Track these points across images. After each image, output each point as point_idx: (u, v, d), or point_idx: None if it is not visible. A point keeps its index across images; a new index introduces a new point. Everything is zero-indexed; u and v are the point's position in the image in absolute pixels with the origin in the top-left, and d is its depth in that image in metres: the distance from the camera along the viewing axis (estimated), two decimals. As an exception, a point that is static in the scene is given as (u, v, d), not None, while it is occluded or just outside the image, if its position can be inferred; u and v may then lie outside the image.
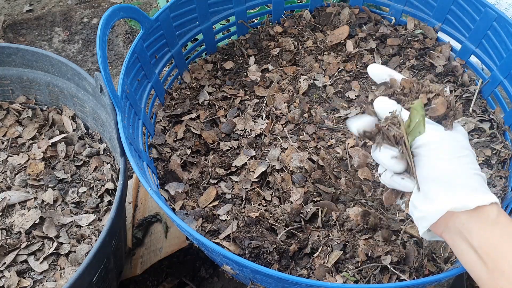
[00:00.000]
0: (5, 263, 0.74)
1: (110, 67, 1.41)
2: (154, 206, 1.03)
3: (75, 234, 0.78)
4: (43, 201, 0.81)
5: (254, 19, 1.04)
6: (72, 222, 0.79)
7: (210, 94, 0.91)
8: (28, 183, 0.84)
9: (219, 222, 0.72)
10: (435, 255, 0.68)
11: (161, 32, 0.85)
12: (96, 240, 0.77)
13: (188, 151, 0.81)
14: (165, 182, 0.77)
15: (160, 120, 0.87)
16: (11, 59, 0.88)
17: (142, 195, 1.07)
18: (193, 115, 0.87)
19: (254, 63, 0.97)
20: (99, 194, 0.83)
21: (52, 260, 0.76)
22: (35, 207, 0.80)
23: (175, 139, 0.84)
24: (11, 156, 0.87)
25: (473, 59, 0.91)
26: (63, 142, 0.89)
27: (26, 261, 0.75)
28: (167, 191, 0.76)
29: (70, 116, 0.92)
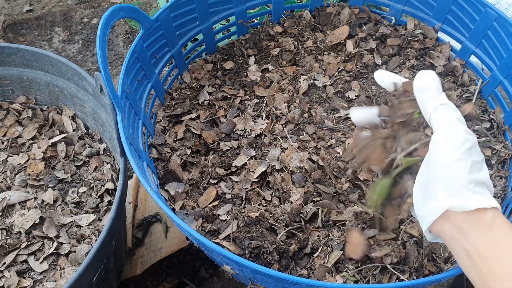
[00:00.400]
0: (5, 263, 0.74)
1: (110, 67, 1.41)
2: (154, 206, 1.03)
3: (75, 234, 0.78)
4: (43, 201, 0.81)
5: (254, 19, 1.04)
6: (72, 222, 0.79)
7: (210, 94, 0.91)
8: (28, 183, 0.84)
9: (219, 222, 0.72)
10: (435, 255, 0.68)
11: (161, 32, 0.85)
12: (96, 240, 0.77)
13: (188, 151, 0.81)
14: (165, 182, 0.77)
15: (160, 120, 0.87)
16: (11, 59, 0.88)
17: (142, 195, 1.07)
18: (193, 115, 0.87)
19: (254, 63, 0.97)
20: (99, 194, 0.83)
21: (52, 260, 0.76)
22: (35, 207, 0.80)
23: (175, 139, 0.84)
24: (11, 156, 0.87)
25: (473, 59, 0.91)
26: (63, 142, 0.89)
27: (26, 261, 0.75)
28: (167, 191, 0.76)
29: (70, 116, 0.92)
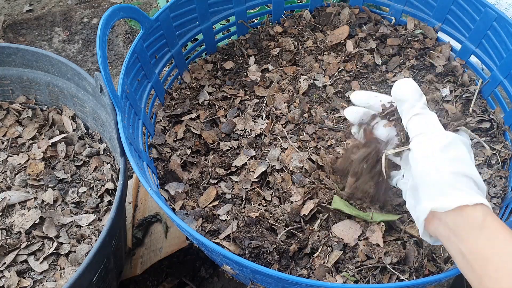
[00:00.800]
0: (5, 263, 0.74)
1: (110, 67, 1.41)
2: (154, 206, 1.03)
3: (75, 234, 0.78)
4: (43, 201, 0.81)
5: (254, 19, 1.04)
6: (72, 222, 0.79)
7: (210, 94, 0.91)
8: (28, 183, 0.84)
9: (219, 222, 0.72)
10: (435, 255, 0.68)
11: (161, 32, 0.85)
12: (96, 240, 0.77)
13: (188, 151, 0.81)
14: (165, 182, 0.77)
15: (160, 120, 0.87)
16: (11, 59, 0.88)
17: (142, 195, 1.07)
18: (193, 115, 0.87)
19: (254, 63, 0.97)
20: (99, 194, 0.83)
21: (52, 260, 0.76)
22: (35, 207, 0.80)
23: (175, 139, 0.84)
24: (11, 156, 0.87)
25: (473, 59, 0.91)
26: (63, 142, 0.89)
27: (26, 261, 0.75)
28: (167, 191, 0.76)
29: (70, 116, 0.92)
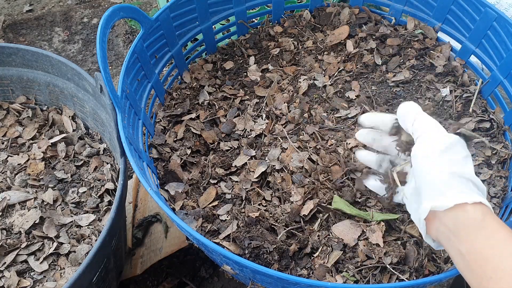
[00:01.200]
0: (5, 263, 0.74)
1: (110, 67, 1.41)
2: (154, 206, 1.03)
3: (75, 234, 0.78)
4: (43, 201, 0.81)
5: (254, 19, 1.04)
6: (72, 222, 0.79)
7: (210, 94, 0.91)
8: (28, 183, 0.84)
9: (219, 222, 0.72)
10: (435, 255, 0.68)
11: (161, 32, 0.85)
12: (96, 240, 0.77)
13: (188, 151, 0.81)
14: (165, 182, 0.77)
15: (160, 120, 0.87)
16: (11, 59, 0.88)
17: (142, 195, 1.07)
18: (193, 115, 0.87)
19: (254, 63, 0.97)
20: (99, 194, 0.83)
21: (52, 260, 0.76)
22: (35, 207, 0.80)
23: (175, 139, 0.84)
24: (11, 156, 0.87)
25: (473, 59, 0.91)
26: (63, 142, 0.89)
27: (26, 261, 0.75)
28: (167, 191, 0.76)
29: (70, 116, 0.92)
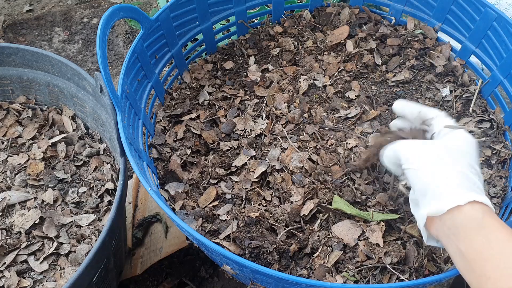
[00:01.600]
0: (5, 263, 0.74)
1: (110, 67, 1.41)
2: (154, 206, 1.04)
3: (75, 234, 0.78)
4: (43, 201, 0.81)
5: (254, 19, 1.04)
6: (72, 222, 0.79)
7: (210, 94, 0.91)
8: (28, 183, 0.84)
9: (219, 222, 0.72)
10: (435, 255, 0.68)
11: (161, 32, 0.85)
12: (96, 240, 0.77)
13: (188, 151, 0.81)
14: (165, 182, 0.77)
15: (160, 120, 0.87)
16: (11, 59, 0.88)
17: (142, 195, 1.07)
18: (193, 115, 0.87)
19: (254, 63, 0.97)
20: (99, 194, 0.83)
21: (52, 260, 0.76)
22: (35, 207, 0.80)
23: (175, 139, 0.84)
24: (11, 156, 0.87)
25: (473, 59, 0.91)
26: (63, 142, 0.89)
27: (26, 261, 0.75)
28: (167, 191, 0.76)
29: (70, 116, 0.92)
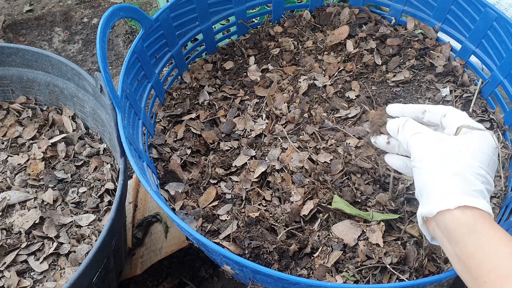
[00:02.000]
0: (5, 263, 0.74)
1: (110, 67, 1.41)
2: (154, 206, 1.03)
3: (75, 234, 0.78)
4: (43, 201, 0.81)
5: (254, 19, 1.04)
6: (72, 222, 0.79)
7: (210, 94, 0.91)
8: (28, 183, 0.84)
9: (219, 222, 0.72)
10: (435, 255, 0.68)
11: (161, 32, 0.85)
12: (96, 240, 0.77)
13: (188, 151, 0.81)
14: (165, 182, 0.77)
15: (160, 120, 0.87)
16: (11, 59, 0.88)
17: (142, 195, 1.07)
18: (193, 115, 0.87)
19: (254, 63, 0.97)
20: (99, 194, 0.83)
21: (52, 260, 0.76)
22: (35, 207, 0.80)
23: (175, 139, 0.84)
24: (11, 156, 0.87)
25: (473, 59, 0.91)
26: (63, 142, 0.89)
27: (26, 261, 0.75)
28: (167, 191, 0.76)
29: (70, 116, 0.92)
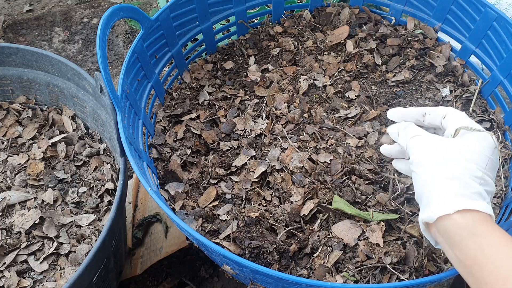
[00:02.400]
0: (5, 263, 0.74)
1: (110, 67, 1.41)
2: (154, 206, 1.04)
3: (75, 234, 0.78)
4: (43, 201, 0.82)
5: (254, 19, 1.04)
6: (72, 222, 0.79)
7: (210, 94, 0.91)
8: (28, 183, 0.84)
9: (219, 222, 0.72)
10: (435, 255, 0.68)
11: (161, 32, 0.85)
12: (96, 240, 0.77)
13: (188, 151, 0.81)
14: (165, 182, 0.77)
15: (160, 120, 0.87)
16: (11, 59, 0.88)
17: (142, 195, 1.07)
18: (193, 115, 0.87)
19: (254, 63, 0.97)
20: (99, 194, 0.83)
21: (52, 260, 0.76)
22: (35, 207, 0.80)
23: (175, 139, 0.84)
24: (11, 156, 0.87)
25: (473, 59, 0.91)
26: (63, 142, 0.89)
27: (26, 261, 0.75)
28: (167, 191, 0.76)
29: (70, 116, 0.92)
